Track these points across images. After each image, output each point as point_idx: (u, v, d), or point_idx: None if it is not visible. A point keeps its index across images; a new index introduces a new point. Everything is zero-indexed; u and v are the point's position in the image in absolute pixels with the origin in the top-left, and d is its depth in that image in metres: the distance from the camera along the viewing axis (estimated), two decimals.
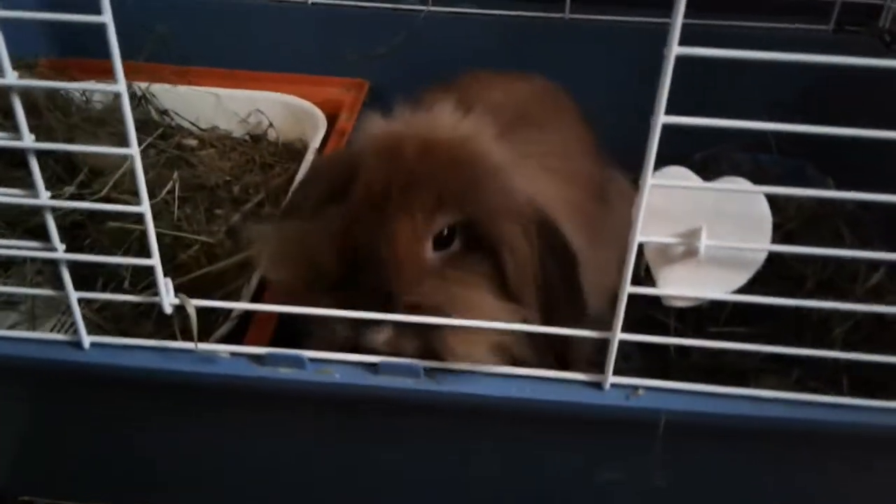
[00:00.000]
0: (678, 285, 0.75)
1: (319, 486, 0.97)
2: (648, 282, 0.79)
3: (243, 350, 0.84)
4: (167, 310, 0.81)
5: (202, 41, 1.68)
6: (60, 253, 0.77)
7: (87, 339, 0.84)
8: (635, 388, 0.80)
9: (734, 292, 0.75)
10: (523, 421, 0.86)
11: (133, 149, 0.71)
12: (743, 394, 0.80)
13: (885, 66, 0.63)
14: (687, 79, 0.71)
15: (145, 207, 0.74)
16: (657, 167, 0.68)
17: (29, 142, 0.71)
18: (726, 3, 1.54)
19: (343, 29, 1.70)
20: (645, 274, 0.83)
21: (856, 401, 0.79)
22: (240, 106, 1.60)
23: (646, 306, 1.08)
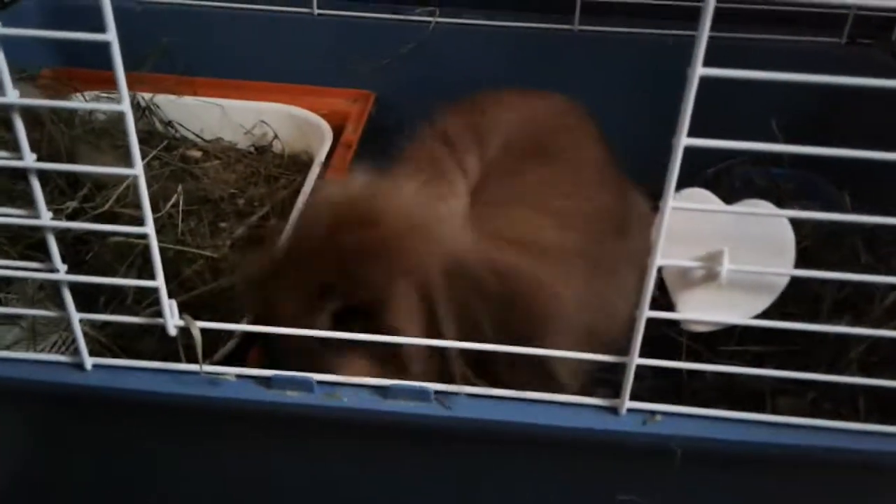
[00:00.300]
0: (698, 310, 0.73)
1: None
2: (662, 300, 0.77)
3: (249, 372, 0.82)
4: (171, 332, 0.79)
5: (206, 51, 1.66)
6: (62, 275, 0.75)
7: (90, 361, 0.82)
8: (652, 413, 0.78)
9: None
10: (534, 446, 0.83)
11: (137, 168, 0.69)
12: (763, 420, 0.77)
13: None
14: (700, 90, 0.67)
15: (149, 229, 0.72)
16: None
17: (31, 161, 0.69)
18: (737, 16, 1.53)
19: (349, 39, 1.68)
20: (659, 293, 0.81)
21: (879, 427, 0.77)
22: (245, 117, 1.59)
23: (657, 324, 1.06)
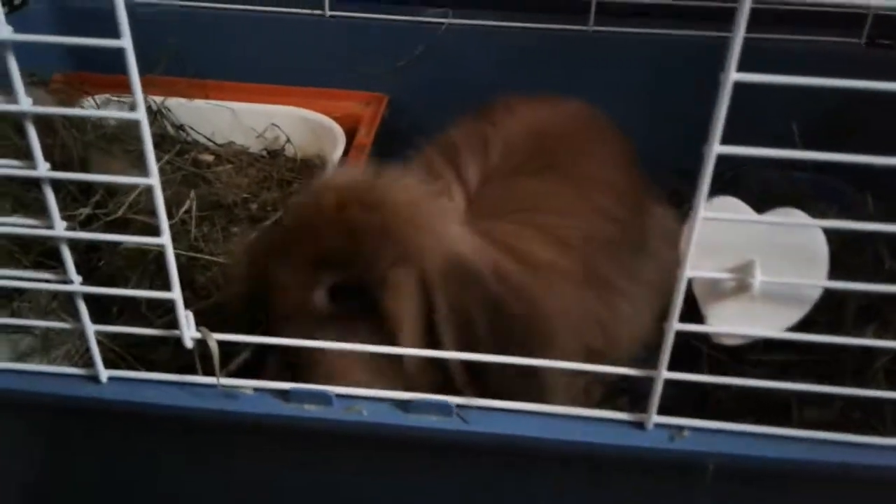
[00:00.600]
0: (730, 322, 0.71)
1: None
2: (684, 311, 0.74)
3: (267, 385, 0.80)
4: (188, 344, 0.78)
5: (218, 54, 1.65)
6: (77, 286, 0.74)
7: (105, 373, 0.81)
8: (680, 428, 0.76)
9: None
10: (558, 461, 0.82)
11: (153, 178, 0.68)
12: (793, 435, 0.75)
13: None
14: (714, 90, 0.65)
15: (166, 239, 0.71)
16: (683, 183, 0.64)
17: (44, 171, 0.68)
18: (756, 17, 1.50)
19: (362, 42, 1.67)
20: (685, 306, 0.79)
21: None
22: (256, 121, 1.57)
23: (677, 332, 1.04)
